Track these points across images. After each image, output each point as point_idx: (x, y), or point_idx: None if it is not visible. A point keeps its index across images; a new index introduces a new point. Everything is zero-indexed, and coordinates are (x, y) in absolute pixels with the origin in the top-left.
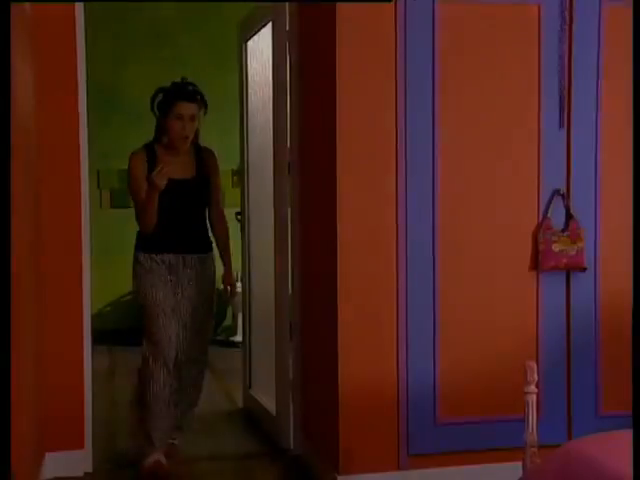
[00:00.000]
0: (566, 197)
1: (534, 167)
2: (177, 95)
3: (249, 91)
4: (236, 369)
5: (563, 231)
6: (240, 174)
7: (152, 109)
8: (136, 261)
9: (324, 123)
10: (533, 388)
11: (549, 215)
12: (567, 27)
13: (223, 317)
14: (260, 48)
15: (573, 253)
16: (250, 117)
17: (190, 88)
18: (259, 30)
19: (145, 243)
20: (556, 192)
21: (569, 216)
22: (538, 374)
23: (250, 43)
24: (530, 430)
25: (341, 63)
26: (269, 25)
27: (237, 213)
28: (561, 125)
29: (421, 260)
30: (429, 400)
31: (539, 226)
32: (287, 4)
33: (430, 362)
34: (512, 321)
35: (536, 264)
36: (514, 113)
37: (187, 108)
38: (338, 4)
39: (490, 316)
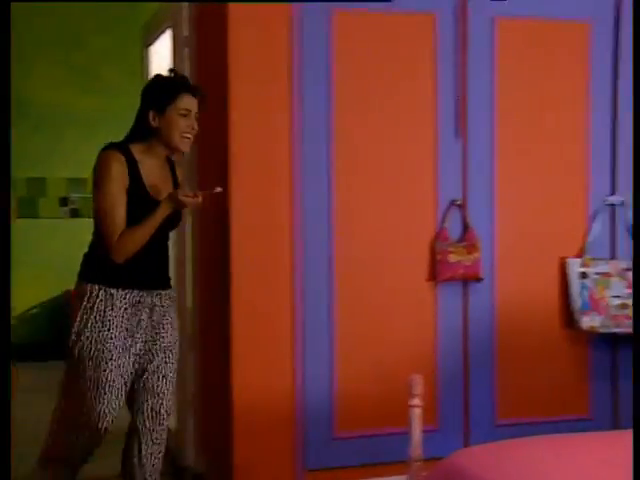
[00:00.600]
0: (462, 207)
1: (430, 177)
2: (182, 86)
3: None
4: None
5: (459, 241)
6: None
7: (144, 101)
8: (86, 296)
9: (219, 131)
10: (417, 401)
11: (446, 225)
12: (461, 37)
13: None
14: (161, 53)
15: (469, 263)
16: None
17: (189, 82)
18: (160, 35)
19: (105, 272)
20: (452, 202)
21: (465, 226)
22: (436, 385)
23: (152, 48)
24: (414, 444)
25: (234, 67)
26: (169, 30)
27: None
28: (457, 135)
29: (317, 272)
30: (326, 414)
31: (436, 237)
32: (186, 8)
33: (327, 375)
34: (410, 332)
35: (433, 275)
36: (410, 123)
37: (194, 104)
38: (230, 4)
39: (388, 328)
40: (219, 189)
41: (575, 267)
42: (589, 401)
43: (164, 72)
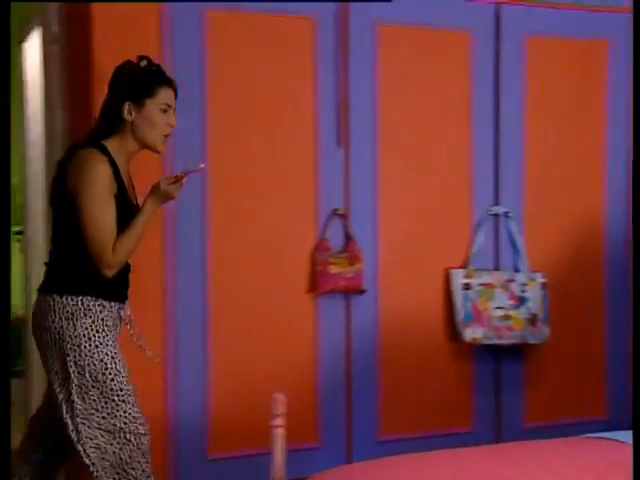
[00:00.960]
0: (344, 217)
1: (311, 186)
2: (163, 78)
3: (27, 97)
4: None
5: (341, 252)
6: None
7: (118, 91)
8: (82, 310)
9: (85, 131)
10: (279, 421)
11: (327, 236)
12: (342, 42)
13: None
14: (34, 50)
15: (351, 275)
16: (29, 126)
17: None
18: (31, 31)
19: (94, 283)
20: (334, 212)
21: (348, 237)
22: (317, 401)
23: (25, 45)
24: (276, 466)
25: (99, 68)
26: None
27: (17, 232)
28: (338, 143)
29: (191, 284)
30: (200, 434)
31: (316, 247)
32: (54, 4)
33: (201, 394)
34: (290, 347)
35: (314, 287)
36: (290, 129)
37: (173, 98)
38: (94, 4)
39: (266, 343)
40: (202, 165)
41: (459, 278)
42: (473, 414)
43: (35, 69)
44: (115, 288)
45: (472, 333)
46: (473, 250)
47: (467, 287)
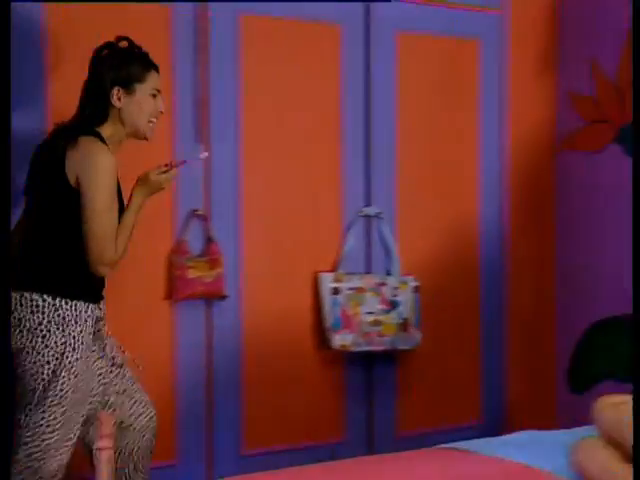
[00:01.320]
0: (204, 218)
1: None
2: (150, 62)
3: None
4: None
5: (201, 256)
6: None
7: (105, 75)
8: (74, 316)
9: None
10: (104, 443)
11: (185, 238)
12: (202, 35)
13: None
14: None
15: (210, 280)
16: None
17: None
18: None
19: (81, 284)
20: (193, 212)
21: (208, 239)
22: (175, 415)
23: None
24: None
25: None
26: None
27: None
28: (197, 139)
29: None
30: None
31: (174, 250)
32: None
33: None
34: (145, 357)
35: (171, 293)
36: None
37: (159, 82)
38: None
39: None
40: (205, 154)
41: (327, 282)
42: (344, 424)
43: None
44: (98, 289)
45: (341, 339)
46: (343, 253)
47: (336, 291)
